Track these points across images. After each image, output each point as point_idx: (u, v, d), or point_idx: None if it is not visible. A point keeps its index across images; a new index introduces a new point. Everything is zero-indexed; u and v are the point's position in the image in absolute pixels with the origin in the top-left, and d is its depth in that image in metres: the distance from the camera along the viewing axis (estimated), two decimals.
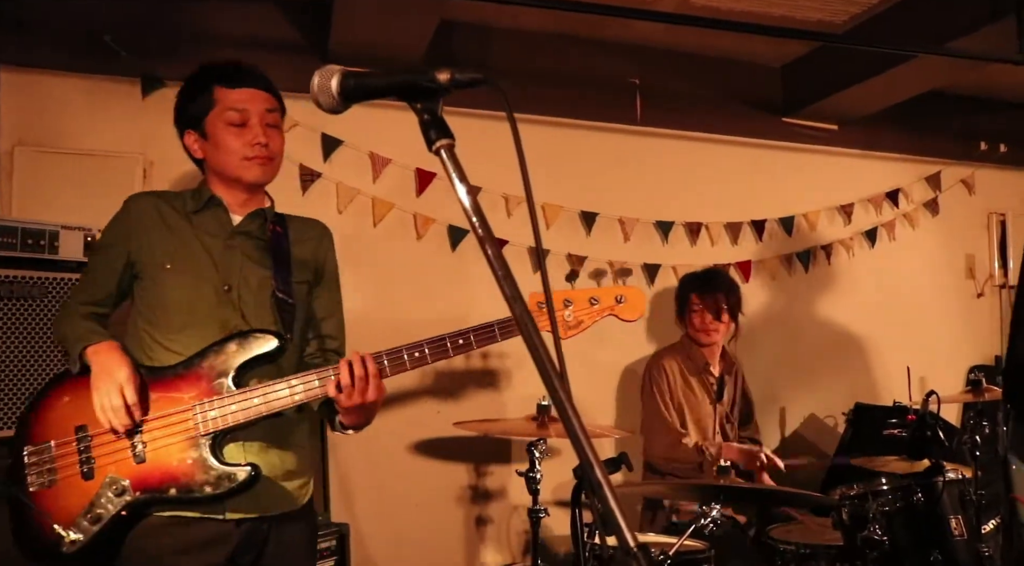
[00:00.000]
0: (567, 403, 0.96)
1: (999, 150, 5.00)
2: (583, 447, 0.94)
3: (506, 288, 1.01)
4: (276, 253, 2.08)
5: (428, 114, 1.10)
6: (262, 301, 2.02)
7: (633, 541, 0.91)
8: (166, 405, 1.91)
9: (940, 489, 2.71)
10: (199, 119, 2.05)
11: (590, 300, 1.94)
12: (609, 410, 4.16)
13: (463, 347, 1.93)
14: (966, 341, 4.93)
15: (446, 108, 1.12)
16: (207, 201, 2.07)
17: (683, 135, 4.34)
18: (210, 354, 1.93)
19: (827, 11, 3.86)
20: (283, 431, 2.03)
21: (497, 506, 3.90)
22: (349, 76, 1.17)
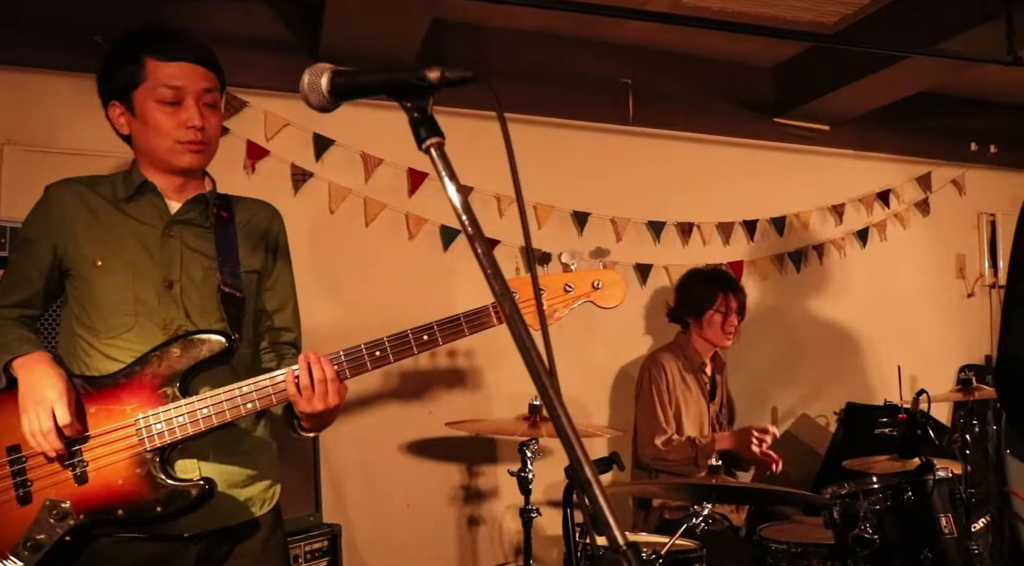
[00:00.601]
0: (556, 402, 0.96)
1: (989, 151, 5.02)
2: (572, 445, 0.94)
3: (495, 285, 1.01)
4: (221, 241, 1.88)
5: (418, 112, 1.10)
6: (207, 296, 1.83)
7: (623, 540, 0.91)
8: (107, 419, 1.73)
9: (930, 487, 2.72)
10: (126, 92, 1.82)
11: (564, 287, 1.78)
12: (602, 410, 4.16)
13: (428, 343, 1.74)
14: (956, 340, 4.95)
15: (439, 107, 1.12)
16: (139, 187, 1.85)
17: (675, 135, 4.35)
18: (152, 359, 1.74)
19: (818, 11, 3.87)
20: (237, 435, 1.86)
21: (489, 506, 3.90)
22: (339, 74, 1.17)
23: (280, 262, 2.01)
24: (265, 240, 1.98)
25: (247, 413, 1.74)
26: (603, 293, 1.79)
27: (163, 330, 1.79)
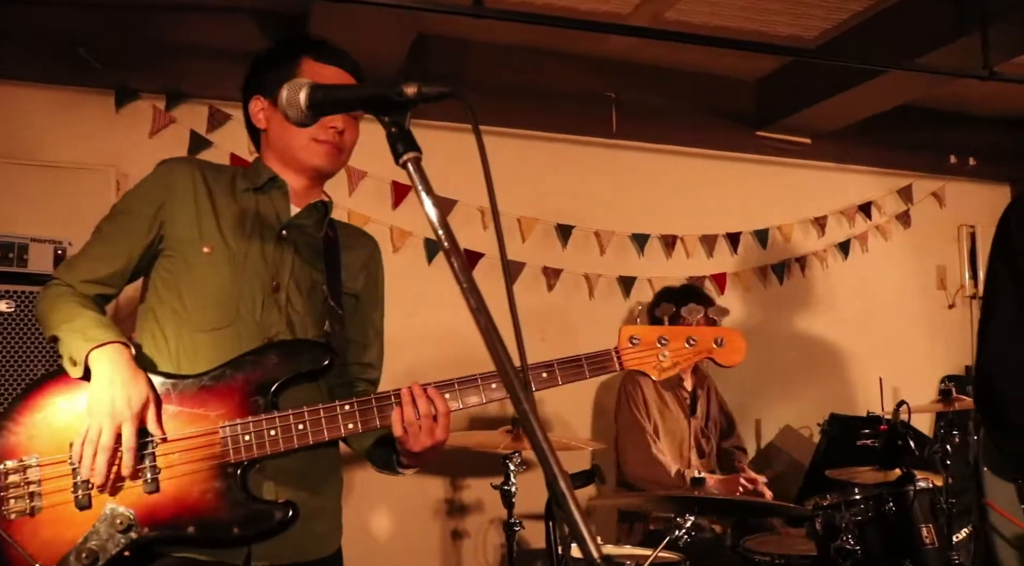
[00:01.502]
0: (532, 416, 0.96)
1: (968, 163, 5.08)
2: (548, 459, 0.94)
3: (471, 299, 1.02)
4: (329, 256, 1.79)
5: (395, 127, 1.11)
6: (312, 308, 1.73)
7: (597, 553, 0.91)
8: (188, 423, 1.57)
9: (911, 498, 2.74)
10: (275, 86, 1.60)
11: (687, 340, 1.74)
12: (584, 424, 4.16)
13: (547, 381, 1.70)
14: (938, 351, 4.98)
15: (425, 121, 1.13)
16: (268, 181, 1.76)
17: (658, 148, 4.38)
18: (246, 364, 1.60)
19: (799, 26, 3.92)
20: (319, 460, 1.71)
21: (473, 519, 3.89)
22: (318, 89, 1.17)
23: (377, 295, 1.93)
24: (366, 268, 1.89)
25: (347, 434, 1.60)
26: (724, 350, 1.76)
27: (261, 334, 1.66)
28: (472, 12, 2.92)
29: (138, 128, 3.51)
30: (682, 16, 3.77)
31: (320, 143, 1.73)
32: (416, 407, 1.59)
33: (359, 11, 2.92)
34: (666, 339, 1.72)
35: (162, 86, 3.53)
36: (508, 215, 3.98)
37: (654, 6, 3.68)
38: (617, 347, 1.70)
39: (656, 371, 1.71)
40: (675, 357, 1.72)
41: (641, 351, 1.70)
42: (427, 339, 3.65)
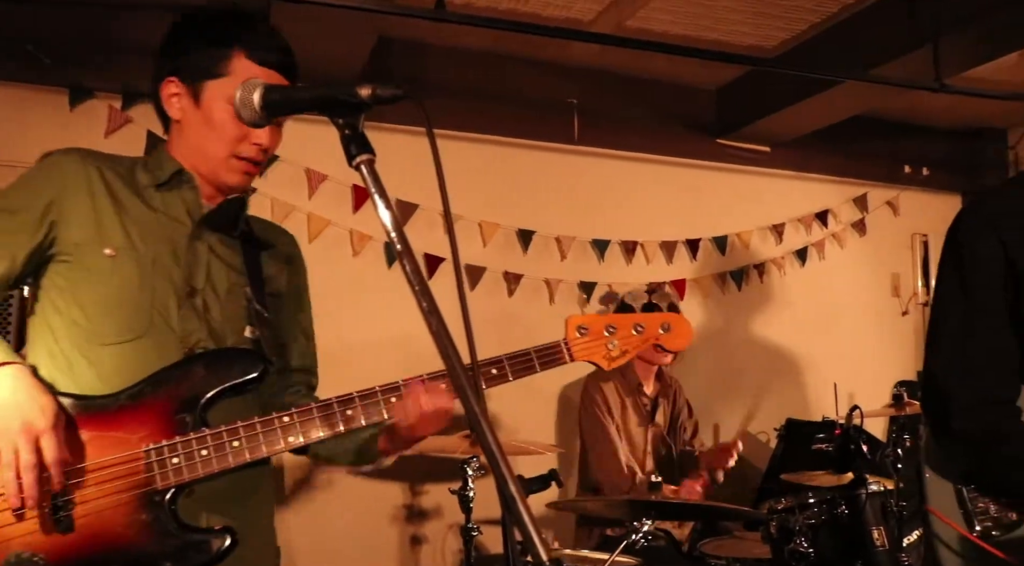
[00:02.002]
0: (482, 419, 0.96)
1: (922, 173, 5.18)
2: (497, 462, 0.94)
3: (423, 302, 1.02)
4: (248, 255, 1.65)
5: (349, 129, 1.11)
6: (233, 313, 1.58)
7: (546, 555, 0.92)
8: (105, 450, 1.39)
9: (863, 501, 2.79)
10: (198, 77, 1.56)
11: (635, 327, 1.70)
12: (546, 430, 4.16)
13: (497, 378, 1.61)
14: (892, 357, 5.07)
15: (398, 126, 1.13)
16: (174, 176, 1.58)
17: (620, 155, 4.41)
18: (169, 379, 1.45)
19: (759, 36, 3.97)
20: (252, 476, 1.55)
21: (432, 525, 3.87)
22: (272, 90, 1.17)
23: (302, 294, 1.81)
24: (288, 266, 1.76)
25: (288, 448, 1.47)
26: (671, 336, 1.73)
27: (181, 344, 1.51)
28: (433, 16, 2.91)
29: (93, 128, 3.45)
30: (644, 24, 3.81)
31: (240, 160, 1.57)
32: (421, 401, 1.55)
33: (320, 12, 2.90)
34: (614, 327, 1.68)
35: (118, 85, 3.47)
36: (469, 220, 3.98)
37: (616, 14, 3.71)
38: (566, 338, 1.65)
39: (606, 361, 1.67)
40: (623, 345, 1.68)
41: (590, 341, 1.66)
42: (387, 343, 3.63)
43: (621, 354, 1.68)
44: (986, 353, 1.63)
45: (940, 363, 1.70)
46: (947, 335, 1.70)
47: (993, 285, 1.63)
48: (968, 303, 1.66)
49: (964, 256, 1.68)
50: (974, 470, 1.63)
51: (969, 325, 1.65)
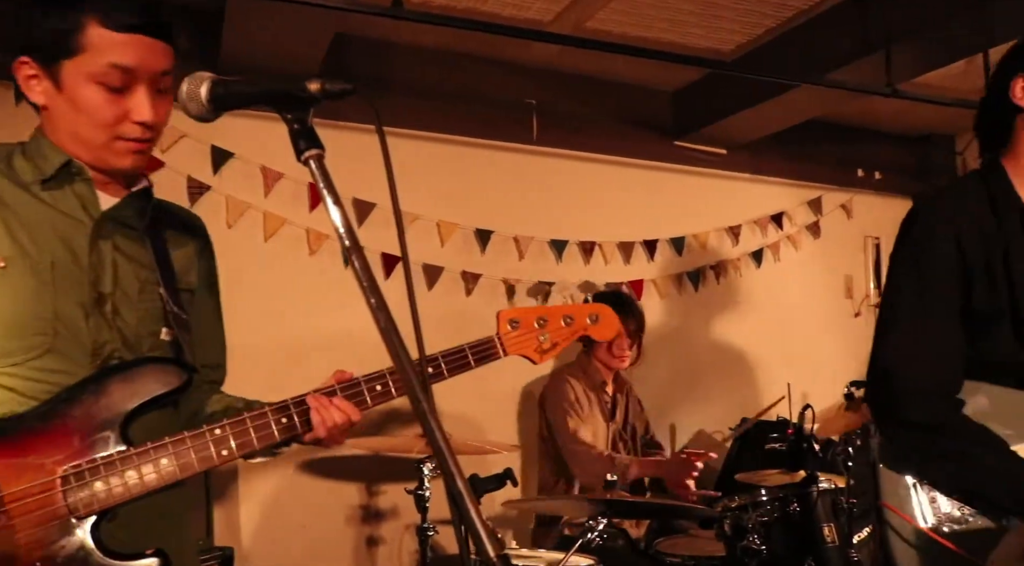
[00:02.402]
0: (430, 415, 0.96)
1: (875, 177, 5.29)
2: (445, 459, 0.94)
3: (371, 298, 1.01)
4: (159, 250, 1.50)
5: (298, 124, 1.10)
6: (147, 317, 1.45)
7: (494, 551, 0.91)
8: (13, 478, 1.26)
9: (814, 499, 2.83)
10: (51, 57, 1.36)
11: (564, 319, 1.72)
12: (505, 429, 4.15)
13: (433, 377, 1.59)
14: (845, 357, 5.15)
15: (357, 125, 1.11)
16: (62, 168, 1.40)
17: (578, 156, 4.42)
18: (84, 395, 1.33)
19: (716, 39, 4.01)
20: (175, 496, 1.45)
21: (388, 526, 3.85)
22: (219, 84, 1.15)
23: (213, 283, 1.67)
24: (200, 256, 1.62)
25: (221, 463, 1.39)
26: (599, 326, 1.77)
27: (92, 357, 1.38)
28: (391, 14, 2.90)
29: None
30: (603, 26, 3.83)
31: (126, 142, 1.40)
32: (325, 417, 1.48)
33: (276, 9, 2.87)
34: (544, 320, 1.69)
35: None
36: (427, 219, 3.97)
37: (575, 15, 3.72)
38: (499, 333, 1.65)
39: (537, 354, 1.68)
40: (554, 337, 1.70)
41: (522, 335, 1.67)
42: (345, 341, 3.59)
43: (552, 346, 1.70)
44: (935, 345, 1.65)
45: (889, 353, 1.72)
46: (898, 325, 1.72)
47: (946, 279, 1.66)
48: (921, 293, 1.68)
49: (919, 249, 1.70)
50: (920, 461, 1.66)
51: (920, 317, 1.68)
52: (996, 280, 1.63)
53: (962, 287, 1.65)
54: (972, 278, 1.64)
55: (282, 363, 3.47)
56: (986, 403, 1.62)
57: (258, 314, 3.59)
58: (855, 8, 3.59)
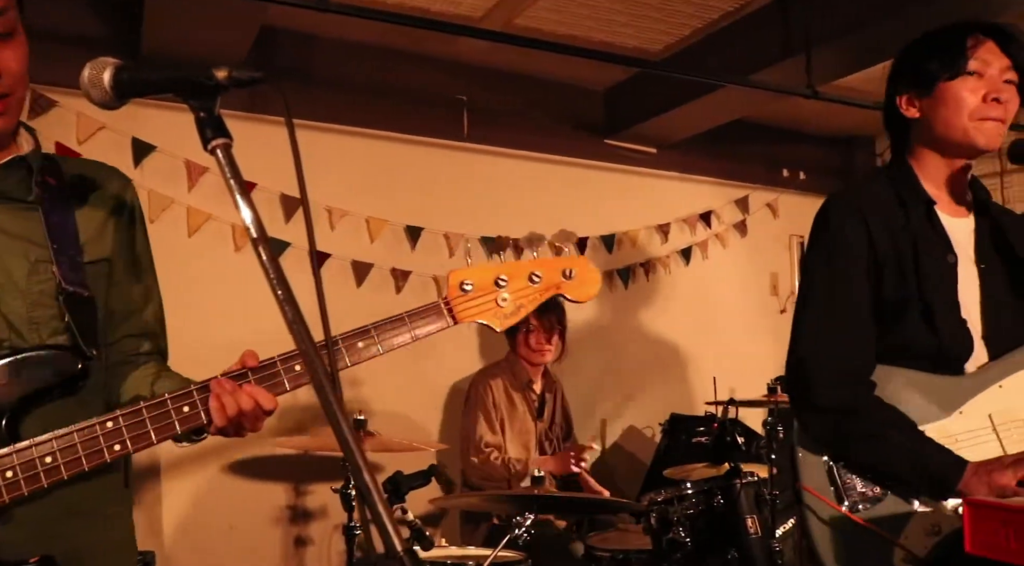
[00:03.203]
0: (337, 408, 0.94)
1: (799, 177, 5.42)
2: (352, 453, 0.93)
3: (279, 290, 0.99)
4: (54, 221, 1.36)
5: (204, 112, 1.07)
6: (38, 300, 1.32)
7: (400, 546, 0.90)
8: None
9: (737, 491, 2.88)
10: None
11: (530, 277, 1.42)
12: (435, 426, 4.15)
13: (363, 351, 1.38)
14: (771, 353, 5.25)
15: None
16: None
17: (509, 153, 4.43)
18: None
19: (644, 39, 4.06)
20: (90, 491, 1.34)
21: (317, 526, 3.80)
22: (122, 70, 1.12)
23: (138, 245, 1.50)
24: (117, 217, 1.45)
25: (113, 458, 1.25)
26: (575, 283, 1.45)
27: None
28: (317, 6, 2.86)
29: None
30: (532, 23, 3.84)
31: None
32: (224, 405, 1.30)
33: None
34: (504, 279, 1.41)
35: None
36: (357, 215, 3.93)
37: (505, 12, 3.73)
38: (447, 297, 1.40)
39: (498, 319, 1.40)
40: (518, 298, 1.41)
41: (475, 298, 1.39)
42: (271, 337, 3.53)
43: (516, 310, 1.42)
44: (848, 331, 1.71)
45: (805, 340, 1.78)
46: (811, 315, 1.78)
47: (857, 268, 1.72)
48: (834, 284, 1.74)
49: (832, 240, 1.76)
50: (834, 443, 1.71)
51: (834, 304, 1.74)
52: (904, 270, 1.70)
53: (872, 278, 1.72)
54: (882, 269, 1.71)
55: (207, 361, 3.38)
56: (898, 386, 1.68)
57: (181, 311, 3.47)
58: (778, 11, 3.67)
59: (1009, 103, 1.69)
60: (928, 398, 1.67)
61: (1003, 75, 1.69)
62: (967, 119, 1.68)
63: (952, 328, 1.69)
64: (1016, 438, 1.64)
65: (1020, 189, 5.05)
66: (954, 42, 1.69)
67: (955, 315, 1.70)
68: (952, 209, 1.79)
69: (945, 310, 1.69)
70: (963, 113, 1.68)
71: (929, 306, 1.68)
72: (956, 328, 1.69)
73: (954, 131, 1.70)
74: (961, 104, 1.68)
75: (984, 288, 1.73)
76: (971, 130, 1.69)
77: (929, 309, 1.68)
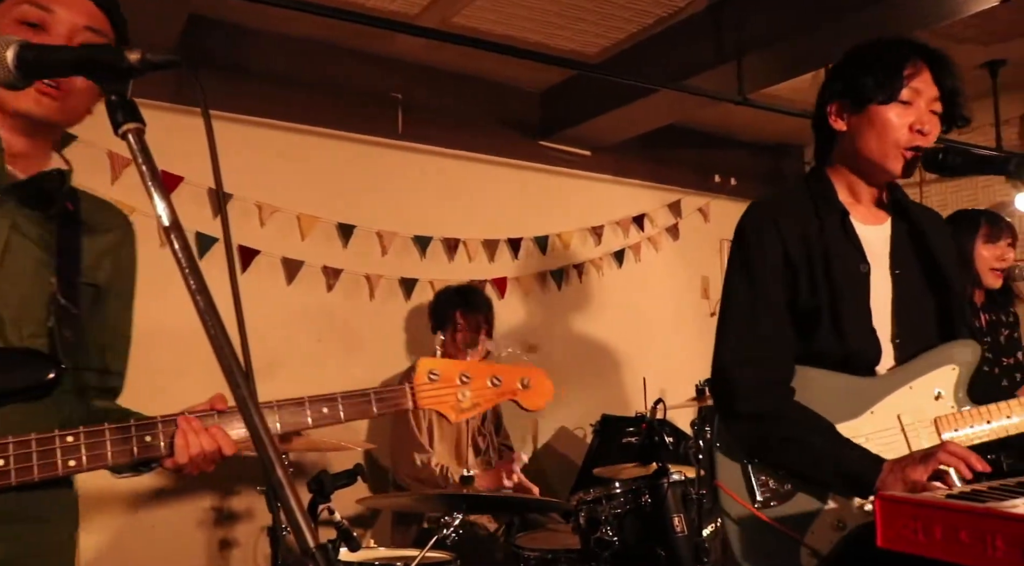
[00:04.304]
0: (251, 402, 0.92)
1: (730, 183, 5.52)
2: (265, 449, 0.90)
3: (191, 281, 0.96)
4: (65, 238, 1.42)
5: (116, 95, 1.03)
6: (32, 303, 1.36)
7: (313, 542, 0.89)
8: None
9: (665, 490, 2.90)
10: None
11: (491, 380, 1.57)
12: (362, 425, 4.09)
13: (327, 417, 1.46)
14: (701, 355, 5.32)
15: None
16: None
17: (444, 152, 4.41)
18: None
19: (580, 42, 4.09)
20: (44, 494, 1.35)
21: (244, 527, 3.72)
22: (28, 48, 1.07)
23: (126, 288, 1.58)
24: (114, 254, 1.53)
25: (66, 473, 1.26)
26: (529, 393, 1.59)
27: None
28: None
29: None
30: (469, 22, 3.83)
31: None
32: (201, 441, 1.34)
33: None
34: (468, 377, 1.55)
35: None
36: (287, 212, 3.86)
37: (442, 9, 3.71)
38: (413, 384, 1.52)
39: (454, 412, 1.54)
40: (476, 397, 1.55)
41: (439, 388, 1.53)
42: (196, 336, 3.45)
43: (472, 406, 1.55)
44: (767, 339, 1.75)
45: (727, 348, 1.81)
46: (733, 322, 1.82)
47: (773, 277, 1.76)
48: (752, 292, 1.78)
49: (749, 248, 1.80)
50: (756, 448, 1.74)
51: (752, 313, 1.78)
52: (816, 279, 1.74)
53: (788, 285, 1.76)
54: (796, 276, 1.75)
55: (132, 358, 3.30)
56: (814, 387, 1.73)
57: None
58: (710, 19, 3.73)
59: (931, 135, 1.73)
60: (842, 399, 1.72)
61: (930, 106, 1.74)
62: (890, 146, 1.73)
63: (861, 336, 1.74)
64: (922, 437, 1.70)
65: (939, 198, 5.23)
66: (893, 66, 1.72)
67: (865, 323, 1.74)
68: (868, 217, 1.84)
69: (855, 319, 1.73)
70: (888, 139, 1.73)
71: (839, 315, 1.73)
72: (865, 336, 1.74)
73: (874, 154, 1.75)
74: (887, 129, 1.72)
75: (897, 294, 1.78)
76: (890, 157, 1.74)
77: (839, 318, 1.72)
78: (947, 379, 1.74)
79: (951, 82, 1.74)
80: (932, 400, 1.73)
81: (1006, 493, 1.25)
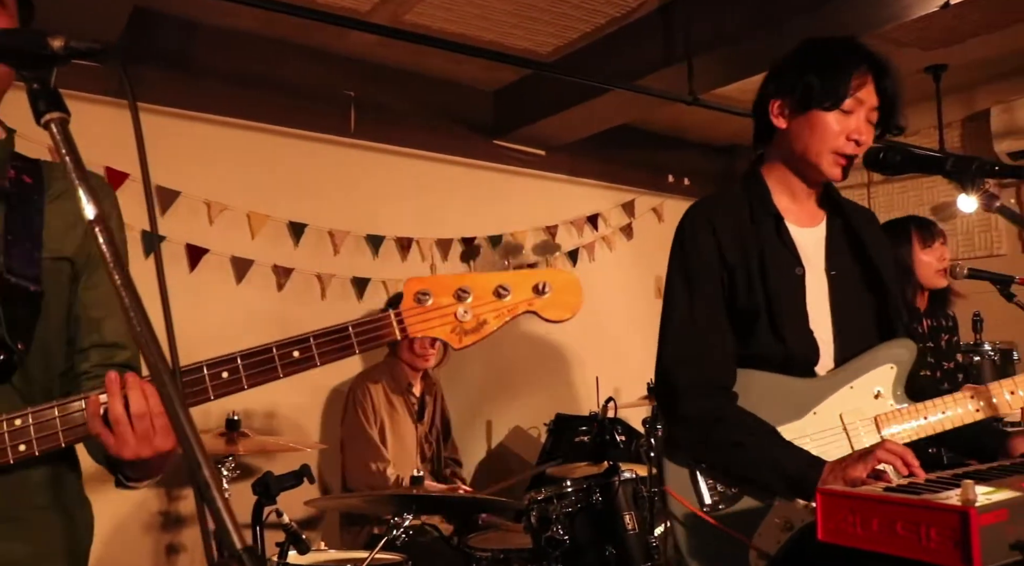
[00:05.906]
0: (178, 402, 0.89)
1: (684, 183, 5.57)
2: (191, 448, 0.88)
3: (117, 276, 0.93)
4: (17, 213, 1.32)
5: (38, 83, 0.99)
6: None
7: (240, 543, 0.86)
8: None
9: (616, 488, 2.91)
10: None
11: (497, 290, 1.28)
12: (315, 427, 4.05)
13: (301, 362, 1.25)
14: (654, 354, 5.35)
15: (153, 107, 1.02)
16: None
17: (397, 150, 4.38)
18: None
19: (533, 41, 4.09)
20: (14, 492, 1.27)
21: (190, 531, 3.65)
22: None
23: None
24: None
25: (18, 459, 1.17)
26: (550, 300, 1.30)
27: None
28: None
29: None
30: (421, 20, 3.80)
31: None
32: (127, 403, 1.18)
33: None
34: (467, 291, 1.26)
35: None
36: (237, 209, 3.80)
37: (393, 7, 3.68)
38: (399, 310, 1.25)
39: (456, 335, 1.25)
40: (481, 313, 1.26)
41: (432, 310, 1.24)
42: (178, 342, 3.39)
43: (478, 326, 1.26)
44: (706, 342, 1.75)
45: (668, 352, 1.82)
46: (673, 325, 1.82)
47: (712, 277, 1.77)
48: (691, 295, 1.79)
49: (687, 251, 1.82)
50: (699, 451, 1.75)
51: (692, 315, 1.78)
52: (752, 283, 1.76)
53: (725, 287, 1.77)
54: (734, 277, 1.77)
55: None
56: (756, 390, 1.74)
57: None
58: (660, 20, 3.75)
59: (864, 145, 1.75)
60: (784, 401, 1.73)
61: (868, 115, 1.76)
62: (826, 151, 1.75)
63: (799, 338, 1.75)
64: (864, 435, 1.72)
65: (886, 199, 5.33)
66: (841, 74, 1.73)
67: (802, 325, 1.76)
68: (803, 218, 1.86)
69: (791, 321, 1.75)
70: (825, 144, 1.75)
71: (776, 317, 1.74)
72: (803, 337, 1.75)
73: (811, 156, 1.77)
74: (826, 135, 1.74)
75: (834, 295, 1.80)
76: (825, 161, 1.76)
77: (776, 320, 1.74)
78: (886, 378, 1.77)
79: (892, 93, 1.77)
80: (872, 399, 1.75)
81: (941, 485, 1.27)
